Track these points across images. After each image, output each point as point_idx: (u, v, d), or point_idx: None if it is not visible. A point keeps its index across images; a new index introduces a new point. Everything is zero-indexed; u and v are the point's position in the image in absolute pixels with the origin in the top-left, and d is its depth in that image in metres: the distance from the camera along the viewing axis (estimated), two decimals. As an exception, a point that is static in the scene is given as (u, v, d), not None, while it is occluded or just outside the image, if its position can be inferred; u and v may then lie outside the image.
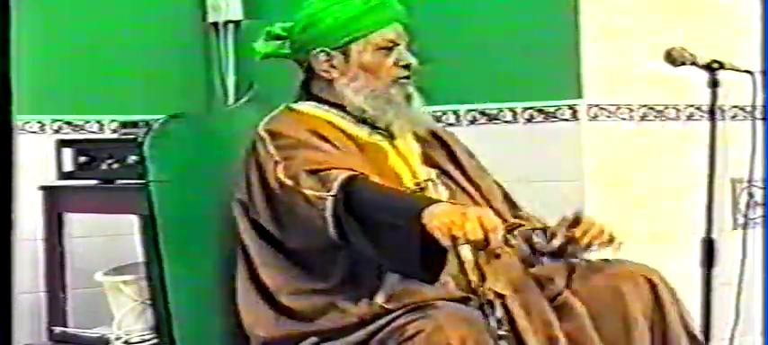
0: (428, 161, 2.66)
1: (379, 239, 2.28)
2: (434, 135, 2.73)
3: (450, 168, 2.66)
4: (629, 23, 3.69)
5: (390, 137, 2.63)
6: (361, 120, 2.61)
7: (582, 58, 3.60)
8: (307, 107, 2.65)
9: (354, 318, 2.37)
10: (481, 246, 2.21)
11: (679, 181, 3.73)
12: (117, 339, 3.56)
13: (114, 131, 4.08)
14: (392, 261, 2.31)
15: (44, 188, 3.77)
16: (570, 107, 3.62)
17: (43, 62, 3.84)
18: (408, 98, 2.61)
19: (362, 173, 2.39)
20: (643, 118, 3.73)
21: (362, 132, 2.61)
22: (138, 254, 3.20)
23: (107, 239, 3.95)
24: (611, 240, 2.46)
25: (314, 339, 2.42)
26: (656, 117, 3.75)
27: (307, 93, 2.67)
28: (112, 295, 3.62)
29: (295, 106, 2.66)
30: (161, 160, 2.66)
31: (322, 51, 2.62)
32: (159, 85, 4.17)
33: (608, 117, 3.65)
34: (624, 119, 3.68)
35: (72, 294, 3.80)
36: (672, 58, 3.07)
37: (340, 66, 2.61)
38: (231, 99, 4.29)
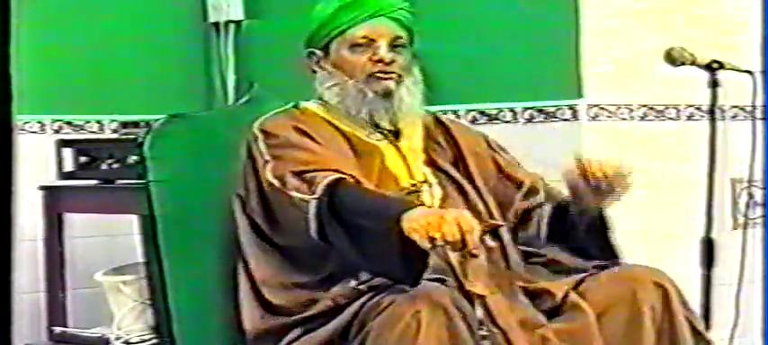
0: (431, 161, 2.66)
1: (360, 242, 2.30)
2: (447, 131, 2.73)
3: (450, 168, 2.66)
4: (629, 23, 3.69)
5: (395, 136, 2.63)
6: (366, 120, 2.61)
7: (582, 58, 3.60)
8: (311, 105, 2.68)
9: (329, 302, 2.38)
10: (459, 247, 2.22)
11: (679, 181, 3.72)
12: (117, 339, 3.56)
13: (114, 131, 4.08)
14: (374, 265, 2.34)
15: (44, 188, 3.77)
16: (570, 107, 3.62)
17: (43, 62, 3.83)
18: (386, 94, 2.60)
19: (349, 176, 2.41)
20: (643, 118, 3.73)
21: (361, 132, 2.61)
22: (138, 254, 3.21)
23: (107, 239, 3.95)
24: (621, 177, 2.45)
25: (298, 330, 2.42)
26: (656, 117, 3.75)
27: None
28: (112, 295, 3.62)
29: (302, 104, 2.68)
30: (161, 160, 2.66)
31: (310, 51, 2.66)
32: (159, 85, 4.17)
33: (608, 117, 3.65)
34: (624, 119, 3.68)
35: (72, 294, 3.80)
36: (672, 58, 3.08)
37: (322, 65, 2.65)
38: (231, 99, 4.29)
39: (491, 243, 2.54)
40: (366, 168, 2.53)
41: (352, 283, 2.38)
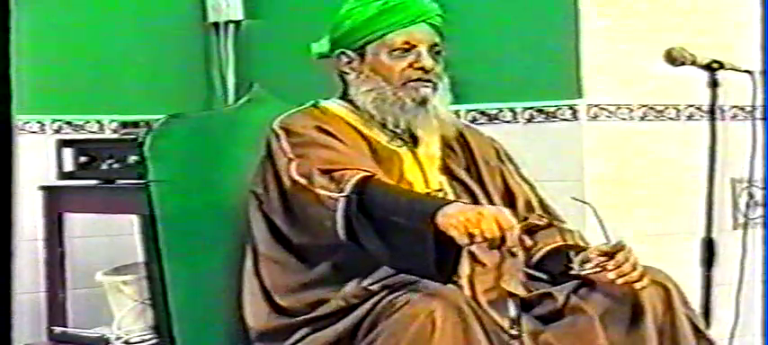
0: (446, 168, 2.64)
1: (392, 240, 2.28)
2: (463, 139, 2.70)
3: (465, 176, 2.64)
4: (629, 23, 3.69)
5: (413, 143, 2.62)
6: (384, 125, 2.59)
7: (582, 58, 3.60)
8: (333, 105, 2.64)
9: (341, 301, 2.37)
10: (497, 245, 2.21)
11: (679, 182, 3.73)
12: (117, 339, 3.56)
13: (114, 131, 4.08)
14: (406, 262, 2.31)
15: (44, 188, 3.77)
16: (570, 107, 3.62)
17: (43, 62, 3.84)
18: (423, 102, 2.57)
19: (376, 175, 2.39)
20: (643, 118, 3.73)
21: (382, 137, 2.59)
22: (138, 254, 3.21)
23: (107, 239, 3.95)
24: (640, 278, 2.41)
25: (305, 329, 2.42)
26: (656, 117, 3.75)
27: (343, 93, 2.66)
28: (112, 295, 3.62)
29: (323, 103, 2.65)
30: (161, 160, 2.66)
31: (342, 53, 2.62)
32: (159, 85, 4.17)
33: (608, 117, 3.65)
34: (624, 119, 3.68)
35: (72, 294, 3.80)
36: (672, 58, 3.08)
37: (356, 68, 2.60)
38: (231, 99, 4.29)
39: (529, 242, 2.53)
40: (386, 174, 2.50)
41: (364, 283, 2.37)
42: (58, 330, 3.74)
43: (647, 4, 3.74)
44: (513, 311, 2.41)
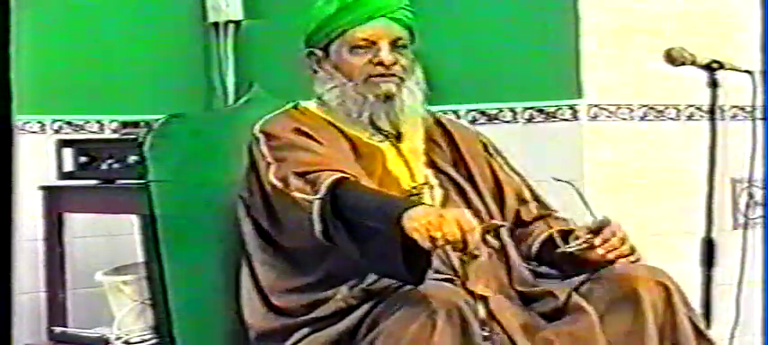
0: (431, 162, 2.65)
1: (363, 242, 2.29)
2: (447, 133, 2.70)
3: (451, 170, 2.64)
4: (629, 23, 3.69)
5: (396, 138, 2.62)
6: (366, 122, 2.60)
7: (582, 58, 3.60)
8: (312, 105, 2.65)
9: (340, 303, 2.38)
10: (459, 247, 2.22)
11: (679, 182, 3.73)
12: (117, 339, 3.57)
13: (114, 131, 4.09)
14: (377, 264, 2.32)
15: (44, 188, 3.77)
16: (570, 107, 3.62)
17: (43, 62, 3.84)
18: (387, 97, 2.57)
19: (352, 176, 2.40)
20: (643, 118, 3.73)
21: (363, 133, 2.60)
22: (138, 254, 3.20)
23: (107, 239, 3.95)
24: (631, 252, 2.42)
25: (305, 330, 2.42)
26: (656, 117, 3.75)
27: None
28: (112, 295, 3.62)
29: (303, 104, 2.66)
30: (161, 160, 2.66)
31: (311, 52, 2.63)
32: (159, 85, 4.18)
33: (608, 117, 3.65)
34: (624, 119, 3.69)
35: (72, 294, 3.80)
36: (672, 58, 3.07)
37: (322, 66, 2.62)
38: (231, 99, 4.29)
39: (494, 242, 2.53)
40: (368, 170, 2.51)
41: (364, 283, 2.37)
42: (58, 330, 3.74)
43: (648, 3, 3.74)
44: (481, 312, 2.41)
